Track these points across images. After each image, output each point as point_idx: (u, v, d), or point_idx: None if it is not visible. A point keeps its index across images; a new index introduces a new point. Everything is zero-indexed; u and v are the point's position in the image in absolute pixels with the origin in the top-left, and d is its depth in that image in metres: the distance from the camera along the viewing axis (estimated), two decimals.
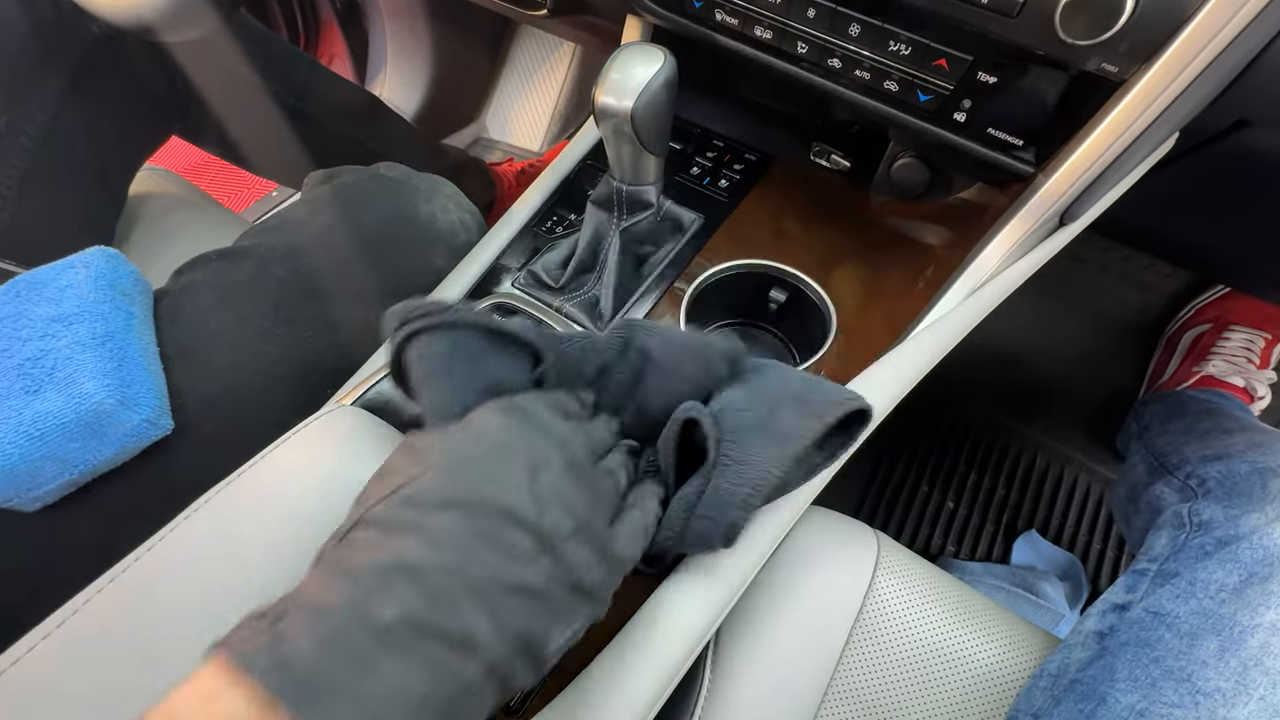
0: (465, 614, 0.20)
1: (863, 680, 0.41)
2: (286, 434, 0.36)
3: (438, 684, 0.19)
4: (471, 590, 0.20)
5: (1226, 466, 0.44)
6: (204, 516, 0.33)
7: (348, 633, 0.19)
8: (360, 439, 0.37)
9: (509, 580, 0.21)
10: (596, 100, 0.38)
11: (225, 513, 0.33)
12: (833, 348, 0.44)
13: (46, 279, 0.38)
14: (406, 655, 0.19)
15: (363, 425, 0.38)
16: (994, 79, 0.35)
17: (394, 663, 0.19)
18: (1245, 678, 0.31)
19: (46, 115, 0.52)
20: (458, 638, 0.20)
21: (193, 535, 0.32)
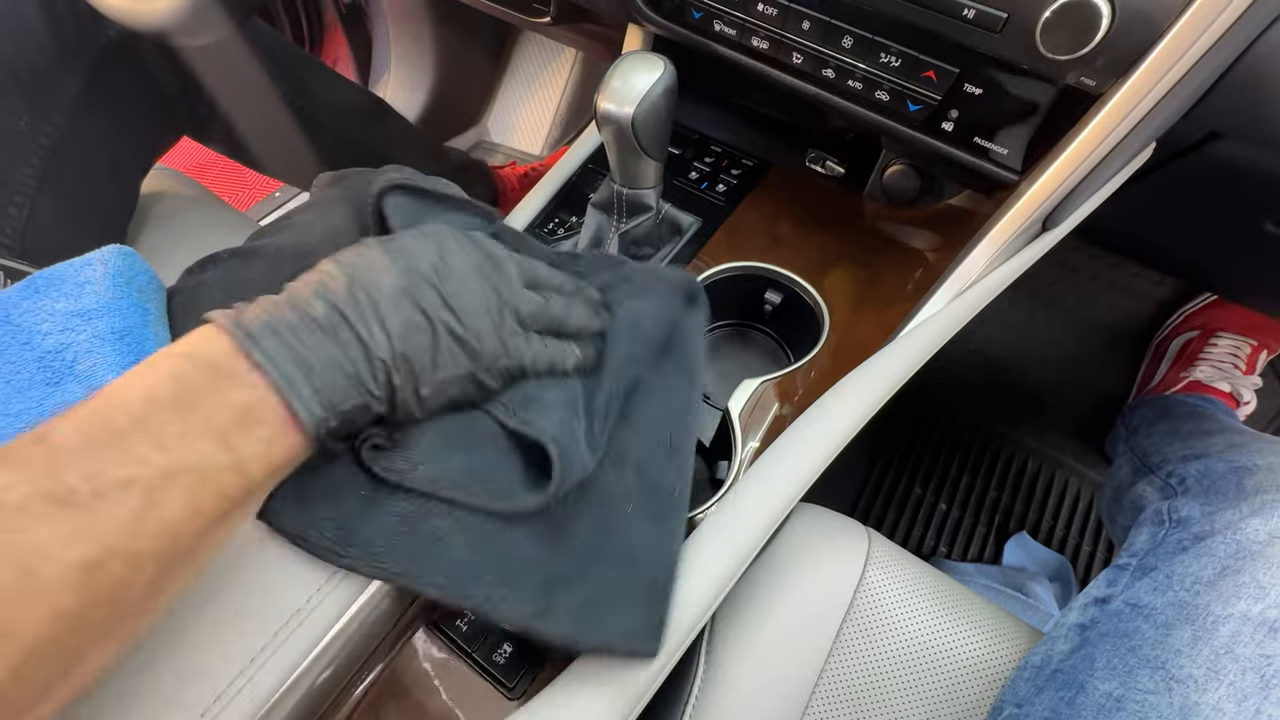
0: (370, 323, 0.28)
1: (853, 672, 0.43)
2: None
3: (347, 356, 0.28)
4: (375, 310, 0.28)
5: (1205, 465, 0.46)
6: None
7: (286, 315, 0.27)
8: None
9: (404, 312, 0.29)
10: (599, 106, 0.40)
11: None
12: (825, 348, 0.45)
13: (65, 275, 0.39)
14: (326, 333, 0.27)
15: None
16: (979, 90, 0.37)
17: (315, 335, 0.27)
18: (1217, 665, 0.32)
19: (64, 117, 0.53)
20: (363, 336, 0.28)
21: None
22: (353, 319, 0.28)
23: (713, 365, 0.53)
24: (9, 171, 0.51)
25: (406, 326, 0.29)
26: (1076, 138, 0.35)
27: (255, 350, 0.26)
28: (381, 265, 0.30)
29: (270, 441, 0.27)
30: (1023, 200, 0.38)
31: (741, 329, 0.55)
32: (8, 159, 0.51)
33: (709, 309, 0.41)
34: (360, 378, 0.28)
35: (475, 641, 0.36)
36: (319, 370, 0.27)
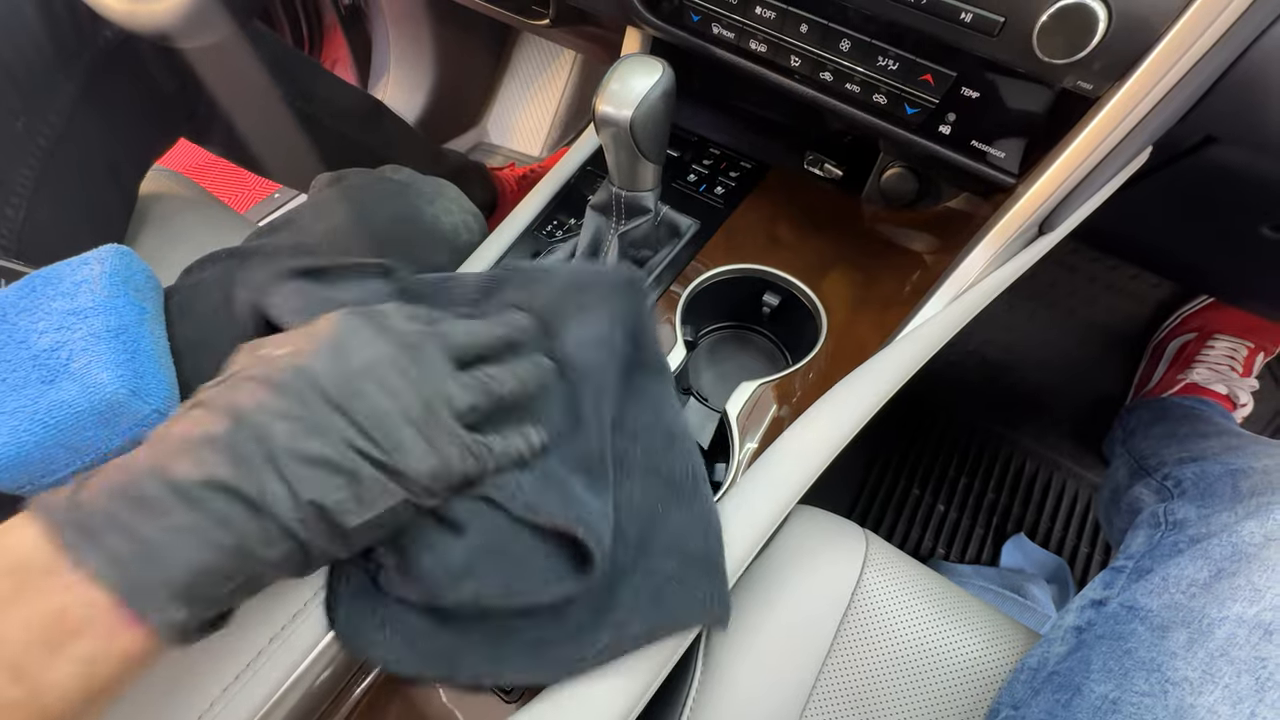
0: (263, 479, 0.23)
1: (850, 674, 0.43)
2: None
3: (226, 533, 0.22)
4: (268, 458, 0.23)
5: (1201, 468, 0.46)
6: None
7: (141, 485, 0.22)
8: None
9: (307, 452, 0.23)
10: (597, 109, 0.40)
11: None
12: (823, 350, 0.45)
13: (62, 274, 0.39)
14: (199, 507, 0.22)
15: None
16: (977, 94, 0.37)
17: (185, 512, 0.22)
18: (1212, 667, 0.32)
19: (61, 117, 0.53)
20: (253, 498, 0.22)
21: None
22: (234, 478, 0.22)
23: (710, 368, 0.53)
24: (6, 173, 0.51)
25: (313, 468, 0.23)
26: (1073, 141, 0.35)
27: (89, 548, 0.21)
28: (268, 398, 0.24)
29: (93, 658, 0.21)
30: (1020, 203, 0.39)
31: (739, 331, 0.55)
32: (4, 160, 0.51)
33: (651, 293, 0.40)
34: (247, 549, 0.23)
35: None
36: (182, 558, 0.22)
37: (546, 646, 0.31)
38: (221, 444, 0.23)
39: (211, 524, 0.22)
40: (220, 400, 0.24)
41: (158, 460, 0.23)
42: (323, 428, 0.24)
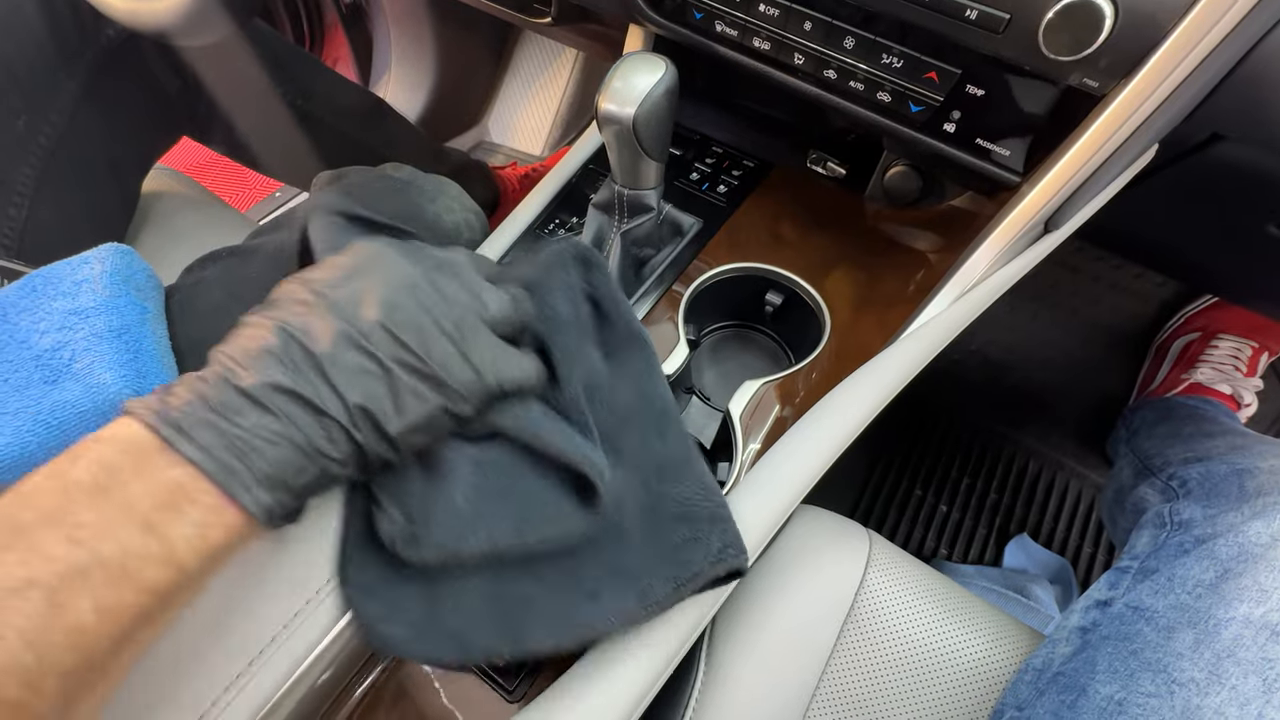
0: (315, 382, 0.25)
1: (853, 674, 0.42)
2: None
3: (294, 426, 0.25)
4: (316, 365, 0.25)
5: (1206, 468, 0.46)
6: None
7: (217, 392, 0.24)
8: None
9: (348, 359, 0.26)
10: (600, 107, 0.39)
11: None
12: (826, 349, 0.45)
13: (62, 274, 0.39)
14: (265, 407, 0.24)
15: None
16: (982, 92, 0.37)
17: (255, 412, 0.24)
18: (1218, 668, 0.32)
19: (63, 116, 0.53)
20: (309, 398, 0.25)
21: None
22: (293, 383, 0.25)
23: (713, 367, 0.53)
24: (7, 172, 0.51)
25: (356, 373, 0.25)
26: (1079, 139, 0.35)
27: (185, 443, 0.23)
28: (316, 310, 0.26)
29: (204, 524, 0.24)
30: (1025, 202, 0.38)
31: (742, 330, 0.54)
32: (6, 159, 0.51)
33: (605, 265, 0.39)
34: (315, 446, 0.25)
35: None
36: (263, 450, 0.24)
37: (566, 612, 0.31)
38: (276, 353, 0.25)
39: (281, 423, 0.24)
40: (270, 317, 0.26)
41: (226, 370, 0.25)
42: (361, 337, 0.26)
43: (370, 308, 0.26)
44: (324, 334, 0.25)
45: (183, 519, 0.23)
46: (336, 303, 0.26)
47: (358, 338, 0.26)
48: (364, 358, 0.26)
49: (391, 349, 0.26)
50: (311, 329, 0.26)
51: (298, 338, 0.25)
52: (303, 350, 0.25)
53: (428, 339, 0.27)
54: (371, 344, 0.26)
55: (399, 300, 0.27)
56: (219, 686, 0.29)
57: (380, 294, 0.26)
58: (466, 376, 0.28)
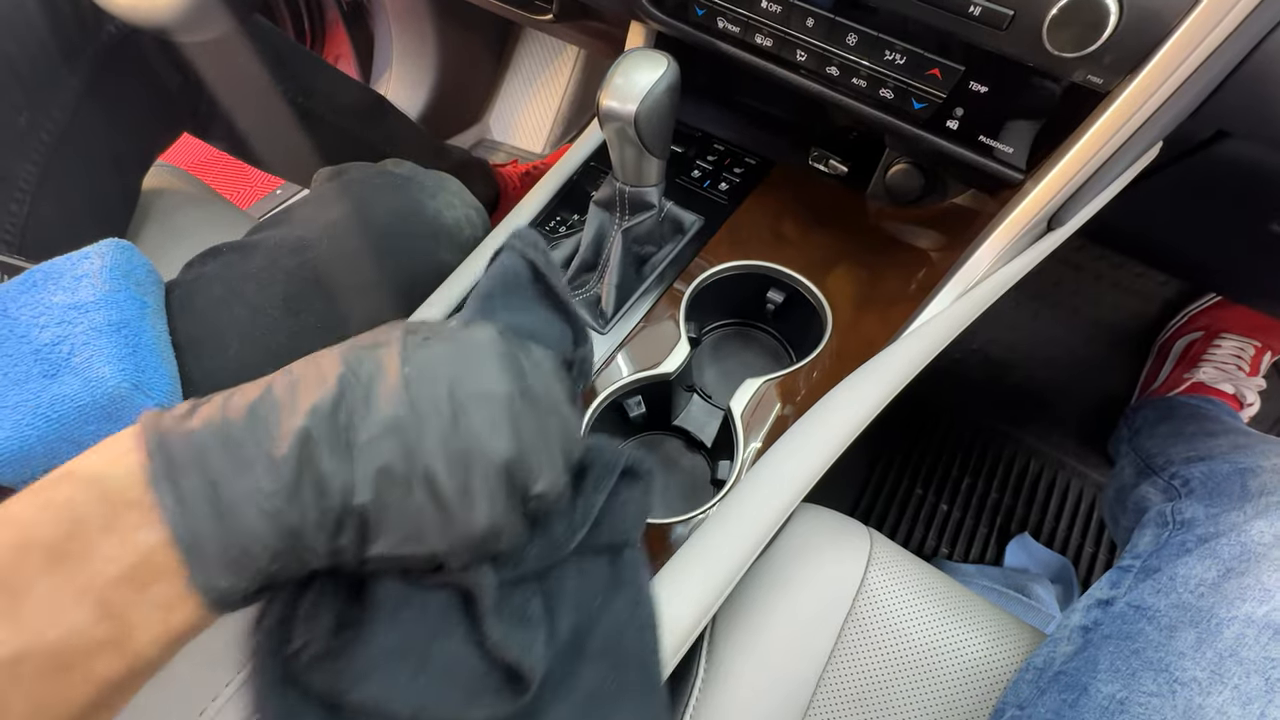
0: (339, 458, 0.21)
1: (855, 673, 0.42)
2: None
3: (293, 503, 0.20)
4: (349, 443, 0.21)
5: (1209, 467, 0.45)
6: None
7: (237, 427, 0.21)
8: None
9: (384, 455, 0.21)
10: (601, 104, 0.39)
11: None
12: (828, 348, 0.45)
13: (62, 269, 0.39)
14: (276, 470, 0.20)
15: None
16: (985, 89, 0.36)
17: (265, 472, 0.20)
18: (1220, 668, 0.32)
19: (65, 112, 0.53)
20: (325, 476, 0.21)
21: None
22: (320, 452, 0.21)
23: (714, 365, 0.53)
24: (9, 168, 0.51)
25: (381, 473, 0.21)
26: (1083, 136, 0.35)
27: (165, 487, 0.20)
28: (390, 377, 0.22)
29: (169, 605, 0.20)
30: (1028, 200, 0.38)
31: (743, 329, 0.54)
32: (8, 155, 0.51)
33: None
34: (304, 534, 0.21)
35: None
36: (247, 522, 0.20)
37: None
38: (324, 410, 0.21)
39: (284, 494, 0.20)
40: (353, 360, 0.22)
41: (265, 406, 0.21)
42: (412, 436, 0.21)
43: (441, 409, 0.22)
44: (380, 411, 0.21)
45: (145, 598, 0.19)
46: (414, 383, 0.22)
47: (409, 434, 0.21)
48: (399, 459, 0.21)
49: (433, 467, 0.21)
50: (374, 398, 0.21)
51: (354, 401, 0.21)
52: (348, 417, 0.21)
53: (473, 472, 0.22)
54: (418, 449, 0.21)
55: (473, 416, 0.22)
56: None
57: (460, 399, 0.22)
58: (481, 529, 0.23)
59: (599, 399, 0.44)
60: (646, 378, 0.45)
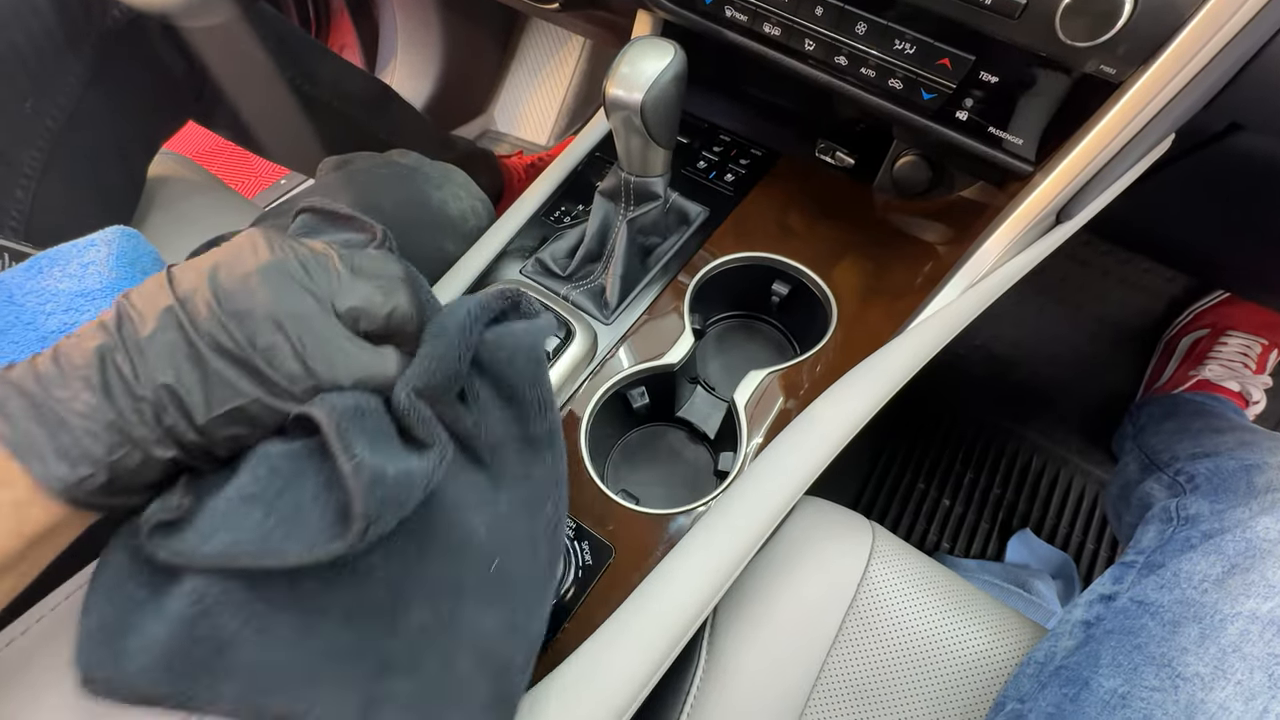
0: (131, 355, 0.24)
1: (855, 665, 0.42)
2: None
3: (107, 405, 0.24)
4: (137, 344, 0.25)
5: (1215, 463, 0.45)
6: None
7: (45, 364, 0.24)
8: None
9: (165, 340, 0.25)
10: (607, 93, 0.39)
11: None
12: (832, 340, 0.45)
13: (69, 255, 0.39)
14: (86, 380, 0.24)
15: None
16: (995, 79, 0.36)
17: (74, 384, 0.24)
18: (1224, 663, 0.31)
19: (69, 99, 0.53)
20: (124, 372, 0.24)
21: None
22: (112, 356, 0.24)
23: (718, 357, 0.53)
24: (14, 154, 0.51)
25: (170, 357, 0.24)
26: (1094, 128, 0.34)
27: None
28: (156, 287, 0.26)
29: (21, 505, 0.23)
30: (1037, 192, 0.38)
31: (748, 321, 0.54)
32: (13, 141, 0.51)
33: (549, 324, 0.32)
34: (127, 424, 0.24)
35: None
36: (70, 421, 0.23)
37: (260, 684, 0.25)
38: (109, 328, 0.25)
39: (96, 398, 0.24)
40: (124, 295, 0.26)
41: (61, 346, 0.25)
42: (187, 320, 0.25)
43: (204, 292, 0.25)
44: (152, 314, 0.25)
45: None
46: (180, 285, 0.26)
47: (183, 321, 0.25)
48: (182, 340, 0.25)
49: (215, 334, 0.25)
50: (143, 308, 0.25)
51: (129, 315, 0.25)
52: (130, 325, 0.25)
53: (255, 326, 0.25)
54: (195, 328, 0.25)
55: (234, 287, 0.25)
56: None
57: (221, 279, 0.26)
58: (292, 369, 0.26)
59: (603, 390, 0.44)
60: (650, 369, 0.45)
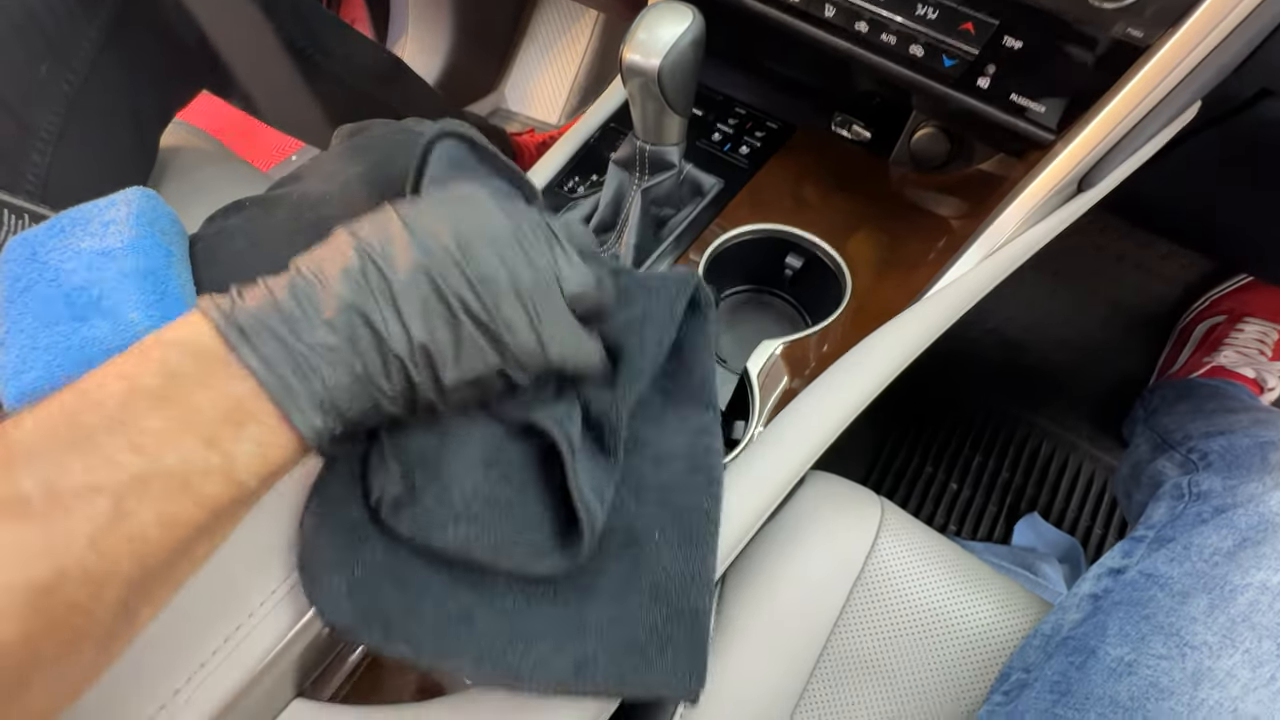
0: (384, 310, 0.25)
1: (862, 634, 0.43)
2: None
3: (356, 352, 0.24)
4: (389, 296, 0.25)
5: (1229, 441, 0.45)
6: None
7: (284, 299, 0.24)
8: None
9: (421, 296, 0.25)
10: (624, 58, 0.39)
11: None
12: (846, 311, 0.45)
13: (90, 215, 0.39)
14: (330, 326, 0.24)
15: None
16: (1019, 44, 0.36)
17: (318, 329, 0.24)
18: (1232, 632, 0.32)
19: (84, 64, 0.53)
20: (376, 327, 0.24)
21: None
22: (363, 307, 0.24)
23: (731, 330, 0.53)
24: (32, 118, 0.51)
25: (425, 314, 0.25)
26: (1118, 94, 0.34)
27: (245, 347, 0.23)
28: (399, 239, 0.25)
29: (264, 443, 0.23)
30: (1058, 160, 0.37)
31: (761, 295, 0.54)
32: (31, 105, 0.51)
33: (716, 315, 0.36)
34: (371, 377, 0.25)
35: None
36: (322, 371, 0.24)
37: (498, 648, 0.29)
38: (353, 273, 0.25)
39: (344, 346, 0.24)
40: (354, 235, 0.26)
41: (301, 280, 0.25)
42: (438, 277, 0.25)
43: (452, 251, 0.25)
44: (403, 264, 0.25)
45: (243, 436, 0.23)
46: (422, 238, 0.25)
47: (435, 276, 0.25)
48: (436, 298, 0.25)
49: (464, 296, 0.25)
50: (392, 257, 0.25)
51: (377, 262, 0.25)
52: (379, 275, 0.25)
53: (500, 295, 0.26)
54: (446, 286, 0.25)
55: (481, 251, 0.26)
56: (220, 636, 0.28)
57: (465, 240, 0.26)
58: (530, 344, 0.27)
59: None
60: None
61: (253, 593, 0.29)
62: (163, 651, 0.27)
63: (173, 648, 0.27)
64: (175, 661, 0.27)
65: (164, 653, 0.27)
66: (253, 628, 0.28)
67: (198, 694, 0.27)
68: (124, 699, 0.26)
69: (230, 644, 0.28)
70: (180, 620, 0.27)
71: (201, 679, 0.27)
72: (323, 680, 0.33)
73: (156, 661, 0.27)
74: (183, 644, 0.27)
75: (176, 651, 0.27)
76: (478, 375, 0.26)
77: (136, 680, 0.27)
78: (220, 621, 0.28)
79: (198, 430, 0.22)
